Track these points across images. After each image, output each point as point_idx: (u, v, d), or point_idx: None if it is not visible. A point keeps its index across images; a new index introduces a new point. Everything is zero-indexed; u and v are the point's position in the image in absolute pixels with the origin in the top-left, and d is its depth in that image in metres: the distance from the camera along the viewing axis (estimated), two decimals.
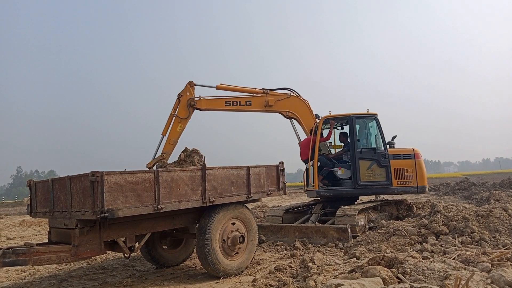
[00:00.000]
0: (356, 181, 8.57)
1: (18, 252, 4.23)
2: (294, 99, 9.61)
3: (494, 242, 5.61)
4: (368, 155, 8.69)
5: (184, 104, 8.77)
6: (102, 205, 4.09)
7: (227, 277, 5.44)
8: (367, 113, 9.02)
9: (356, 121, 8.90)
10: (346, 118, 9.03)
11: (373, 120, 9.06)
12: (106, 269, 6.47)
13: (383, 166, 8.65)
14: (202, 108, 8.91)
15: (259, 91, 9.43)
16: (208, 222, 5.33)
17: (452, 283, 3.05)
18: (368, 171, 8.64)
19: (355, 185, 8.58)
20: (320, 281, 3.89)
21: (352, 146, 8.81)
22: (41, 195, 5.30)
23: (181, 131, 8.72)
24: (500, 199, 11.59)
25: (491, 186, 18.27)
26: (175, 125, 8.68)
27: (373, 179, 8.63)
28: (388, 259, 3.86)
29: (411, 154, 8.87)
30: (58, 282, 5.75)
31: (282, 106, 9.48)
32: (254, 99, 9.38)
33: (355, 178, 8.60)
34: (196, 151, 6.97)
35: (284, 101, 9.49)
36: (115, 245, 4.96)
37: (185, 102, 8.78)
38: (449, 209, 7.38)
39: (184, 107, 8.78)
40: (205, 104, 8.96)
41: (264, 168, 6.14)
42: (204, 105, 8.94)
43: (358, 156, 8.64)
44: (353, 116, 8.89)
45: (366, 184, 8.59)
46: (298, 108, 9.57)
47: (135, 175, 4.49)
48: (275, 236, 8.23)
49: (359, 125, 9.13)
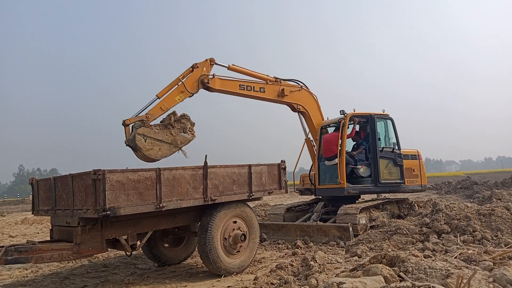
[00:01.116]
0: (377, 179, 8.64)
1: (21, 250, 4.25)
2: (305, 92, 9.32)
3: (496, 241, 5.60)
4: (387, 154, 8.89)
5: (195, 78, 7.81)
6: (104, 203, 4.10)
7: (229, 275, 5.44)
8: (384, 114, 9.18)
9: (377, 121, 8.97)
10: (367, 117, 9.03)
11: (388, 121, 9.21)
12: (108, 267, 6.49)
13: (398, 165, 8.94)
14: (214, 88, 8.03)
15: (272, 79, 8.92)
16: (209, 220, 5.34)
17: (454, 282, 3.05)
18: (386, 169, 8.80)
19: (376, 183, 8.65)
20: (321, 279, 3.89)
21: (373, 145, 8.85)
22: (43, 193, 5.31)
23: (179, 101, 7.66)
24: (502, 198, 11.57)
25: (493, 185, 18.22)
26: (175, 92, 7.61)
27: (390, 177, 8.85)
28: (389, 257, 3.86)
29: (416, 155, 9.44)
30: (60, 280, 5.76)
31: (294, 98, 9.11)
32: (268, 86, 8.81)
33: (376, 176, 8.66)
34: (187, 117, 6.63)
35: (296, 93, 9.15)
36: (117, 243, 4.98)
37: (197, 76, 7.82)
38: (451, 208, 7.37)
39: (194, 81, 7.80)
40: (218, 84, 8.09)
41: (265, 166, 6.14)
42: (218, 85, 8.07)
43: (379, 155, 8.74)
44: (374, 116, 8.97)
45: (386, 182, 8.77)
46: (308, 102, 9.32)
47: (137, 173, 4.50)
48: (277, 235, 8.24)
49: (378, 124, 9.12)
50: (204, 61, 7.98)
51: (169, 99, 7.47)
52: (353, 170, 8.81)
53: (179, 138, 6.68)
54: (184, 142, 6.74)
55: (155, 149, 6.47)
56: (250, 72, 8.65)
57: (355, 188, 8.59)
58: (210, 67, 8.02)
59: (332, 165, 8.66)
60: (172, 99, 7.51)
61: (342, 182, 8.35)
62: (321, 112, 9.49)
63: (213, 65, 8.05)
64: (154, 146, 6.45)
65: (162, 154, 6.57)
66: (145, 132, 6.41)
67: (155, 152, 6.47)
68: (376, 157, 8.71)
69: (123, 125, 6.66)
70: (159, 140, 6.54)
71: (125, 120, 6.75)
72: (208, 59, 8.00)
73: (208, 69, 7.97)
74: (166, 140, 6.60)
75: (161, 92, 7.42)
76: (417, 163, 9.34)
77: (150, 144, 6.40)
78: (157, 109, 7.18)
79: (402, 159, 8.99)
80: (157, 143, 6.50)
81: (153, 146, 6.45)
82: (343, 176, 8.34)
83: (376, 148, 8.75)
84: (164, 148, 6.56)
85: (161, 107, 7.28)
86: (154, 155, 6.47)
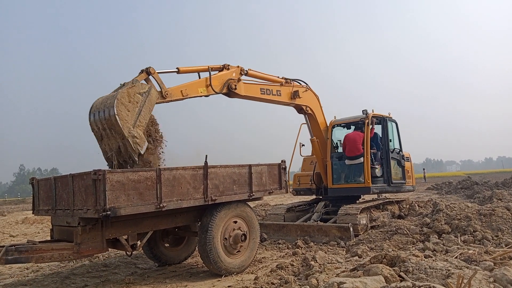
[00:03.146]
0: (389, 179, 8.84)
1: (21, 250, 4.25)
2: (310, 93, 9.11)
3: (497, 241, 5.60)
4: (395, 155, 9.19)
5: (223, 79, 7.24)
6: (104, 203, 4.10)
7: (229, 275, 5.44)
8: (390, 116, 9.42)
9: (388, 122, 9.16)
10: (380, 118, 9.17)
11: (393, 123, 9.43)
12: (108, 267, 6.49)
13: (402, 166, 9.31)
14: (239, 94, 7.53)
15: (281, 80, 8.57)
16: (210, 220, 5.34)
17: (454, 282, 3.04)
18: (393, 170, 9.03)
19: (388, 183, 8.84)
20: (322, 279, 3.88)
21: (385, 145, 9.00)
22: (44, 193, 5.31)
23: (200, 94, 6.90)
24: (502, 198, 11.57)
25: (493, 185, 18.20)
26: (200, 83, 6.88)
27: (396, 178, 9.12)
28: (390, 257, 3.85)
29: (409, 158, 9.78)
30: (60, 279, 5.77)
31: (304, 100, 8.82)
32: (283, 88, 8.47)
33: (388, 176, 8.83)
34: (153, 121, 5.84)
35: (304, 94, 8.85)
36: (117, 243, 4.98)
37: (226, 78, 7.30)
38: (451, 208, 7.36)
39: (221, 81, 7.19)
40: (244, 89, 7.63)
41: (266, 166, 6.14)
42: (244, 91, 7.61)
43: (391, 156, 8.95)
44: (386, 118, 9.19)
45: (396, 182, 9.02)
46: (313, 103, 9.13)
47: (137, 173, 4.50)
48: (277, 235, 8.23)
49: (378, 125, 9.24)
50: (236, 67, 7.58)
51: (192, 87, 6.80)
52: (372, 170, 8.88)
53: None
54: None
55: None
56: (265, 75, 8.35)
57: (377, 187, 8.68)
58: (239, 75, 7.58)
59: (355, 164, 8.66)
60: (195, 89, 6.85)
61: (368, 181, 8.35)
62: (323, 111, 9.47)
63: (242, 74, 7.66)
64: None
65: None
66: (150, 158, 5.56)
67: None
68: (387, 158, 8.91)
69: (147, 72, 5.86)
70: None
71: (149, 69, 5.92)
72: (239, 66, 7.63)
73: (237, 75, 7.52)
74: None
75: (184, 68, 6.78)
76: (409, 165, 9.79)
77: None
78: (177, 92, 6.46)
79: (405, 161, 9.36)
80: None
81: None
82: (369, 175, 8.36)
83: (388, 149, 8.95)
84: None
85: (182, 91, 6.56)
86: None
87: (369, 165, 8.43)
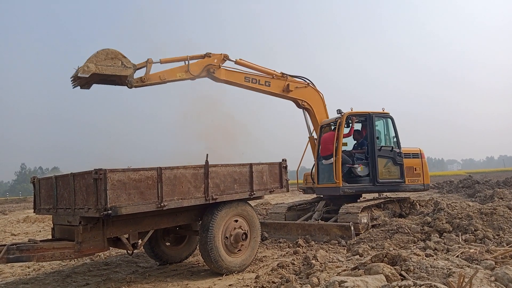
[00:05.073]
0: (375, 179, 8.60)
1: (22, 249, 4.26)
2: (311, 89, 9.44)
3: (498, 240, 5.58)
4: (386, 153, 8.83)
5: (203, 64, 8.05)
6: (105, 202, 4.10)
7: (230, 274, 5.45)
8: (384, 112, 9.09)
9: (375, 119, 8.92)
10: (365, 116, 8.98)
11: (388, 119, 9.14)
12: (110, 266, 6.50)
13: (398, 164, 8.86)
14: (219, 78, 8.23)
15: (278, 74, 9.09)
16: (211, 219, 5.34)
17: (455, 281, 3.04)
18: (385, 169, 8.76)
19: (374, 182, 8.61)
20: (323, 278, 3.89)
21: (371, 144, 8.81)
22: (45, 192, 5.32)
23: (178, 78, 7.76)
24: (504, 197, 11.55)
25: (494, 184, 18.15)
26: (179, 69, 7.75)
27: (389, 177, 8.79)
28: (391, 256, 3.85)
29: (418, 154, 9.28)
30: (62, 278, 5.78)
31: (300, 94, 9.27)
32: (273, 80, 9.01)
33: (374, 175, 8.61)
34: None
35: (302, 90, 9.32)
36: (118, 242, 4.99)
37: (205, 63, 8.09)
38: (452, 207, 7.36)
39: (200, 66, 8.01)
40: (224, 74, 8.29)
41: (266, 165, 6.14)
42: (223, 76, 8.28)
43: (377, 154, 8.70)
44: (373, 114, 8.91)
45: (384, 181, 8.72)
46: (313, 100, 9.42)
47: (138, 172, 4.50)
48: (278, 233, 8.24)
49: (377, 123, 9.12)
50: (219, 54, 8.25)
51: (170, 72, 7.62)
52: (351, 169, 8.82)
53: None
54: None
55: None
56: (257, 66, 8.82)
57: (351, 187, 8.56)
58: (221, 61, 8.29)
59: (329, 164, 8.68)
60: (173, 73, 7.67)
61: (338, 181, 8.36)
62: (326, 110, 9.50)
63: (225, 60, 8.35)
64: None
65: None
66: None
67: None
68: (374, 156, 8.67)
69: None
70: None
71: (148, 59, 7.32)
72: (222, 53, 8.29)
73: (219, 62, 8.22)
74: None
75: (165, 59, 7.58)
76: (418, 161, 9.21)
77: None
78: (155, 76, 7.45)
79: (402, 158, 8.90)
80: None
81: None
82: (338, 175, 8.34)
83: (374, 147, 8.72)
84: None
85: (160, 76, 7.50)
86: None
87: (339, 164, 8.41)
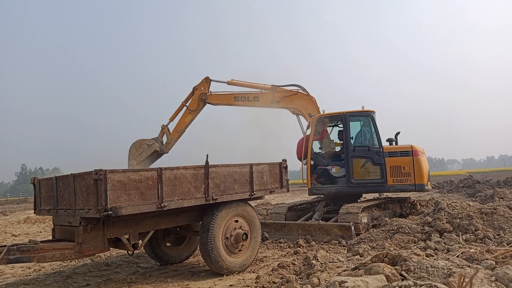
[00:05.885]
0: (349, 179, 8.52)
1: (23, 249, 4.26)
2: (302, 95, 9.68)
3: (498, 240, 5.58)
4: (362, 153, 8.57)
5: (196, 98, 9.46)
6: (106, 203, 4.10)
7: (230, 274, 5.45)
8: (362, 111, 8.85)
9: (349, 119, 8.82)
10: (340, 117, 8.95)
11: (368, 117, 8.89)
12: (110, 266, 6.50)
13: (377, 164, 8.47)
14: (213, 103, 9.54)
15: (268, 87, 9.73)
16: (211, 219, 5.34)
17: (456, 281, 3.04)
18: (362, 169, 8.55)
19: (348, 183, 8.53)
20: (323, 278, 3.88)
21: (345, 144, 8.79)
22: (45, 192, 5.32)
23: (189, 122, 9.37)
24: (504, 196, 11.55)
25: (495, 184, 18.15)
26: (185, 115, 9.36)
27: (367, 177, 8.50)
28: (391, 256, 3.85)
29: (408, 151, 8.52)
30: (62, 278, 5.78)
31: (289, 103, 9.67)
32: (261, 95, 9.69)
33: (348, 176, 8.55)
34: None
35: (291, 98, 9.67)
36: (118, 242, 4.99)
37: (197, 95, 9.46)
38: (453, 207, 7.35)
39: (195, 100, 9.46)
40: (215, 99, 9.55)
41: (267, 165, 6.14)
42: (214, 100, 9.54)
43: (351, 154, 8.59)
44: (347, 114, 8.80)
45: (359, 182, 8.49)
46: (304, 105, 9.63)
47: (138, 173, 4.50)
48: (278, 234, 8.24)
49: (354, 123, 9.06)
50: (201, 81, 9.54)
51: (181, 122, 9.43)
52: (327, 171, 8.94)
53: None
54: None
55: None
56: (248, 84, 9.80)
57: (321, 188, 8.91)
58: (207, 85, 9.55)
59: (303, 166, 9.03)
60: (183, 121, 9.42)
61: (306, 182, 8.85)
62: (319, 112, 9.59)
63: (209, 82, 9.61)
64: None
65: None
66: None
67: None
68: (348, 157, 8.60)
69: (157, 141, 9.45)
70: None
71: (157, 137, 9.50)
72: (203, 79, 9.54)
73: (206, 87, 9.53)
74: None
75: (171, 116, 9.40)
76: (408, 160, 8.43)
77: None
78: (175, 133, 9.38)
79: (382, 157, 8.45)
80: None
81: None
82: (308, 177, 8.83)
83: (347, 147, 8.68)
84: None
85: (176, 130, 9.35)
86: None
87: (308, 166, 8.79)
